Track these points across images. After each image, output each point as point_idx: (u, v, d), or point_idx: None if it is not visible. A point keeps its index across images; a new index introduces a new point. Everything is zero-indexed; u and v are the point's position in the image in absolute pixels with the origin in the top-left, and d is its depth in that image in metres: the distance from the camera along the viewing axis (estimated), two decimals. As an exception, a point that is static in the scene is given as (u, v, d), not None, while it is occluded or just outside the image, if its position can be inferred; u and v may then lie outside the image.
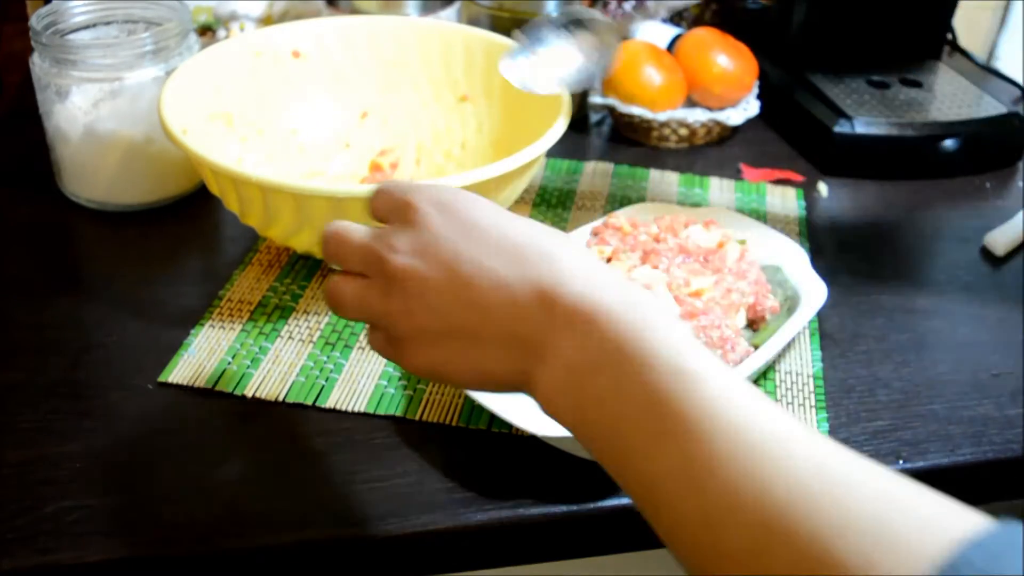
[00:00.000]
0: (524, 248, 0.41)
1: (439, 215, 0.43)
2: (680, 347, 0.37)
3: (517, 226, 0.43)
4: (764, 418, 0.35)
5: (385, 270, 0.43)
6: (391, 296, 0.43)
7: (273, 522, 0.50)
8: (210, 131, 0.71)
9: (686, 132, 0.88)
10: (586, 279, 0.40)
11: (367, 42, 0.79)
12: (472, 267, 0.41)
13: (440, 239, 0.42)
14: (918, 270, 0.73)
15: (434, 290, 0.42)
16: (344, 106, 0.80)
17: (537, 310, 0.40)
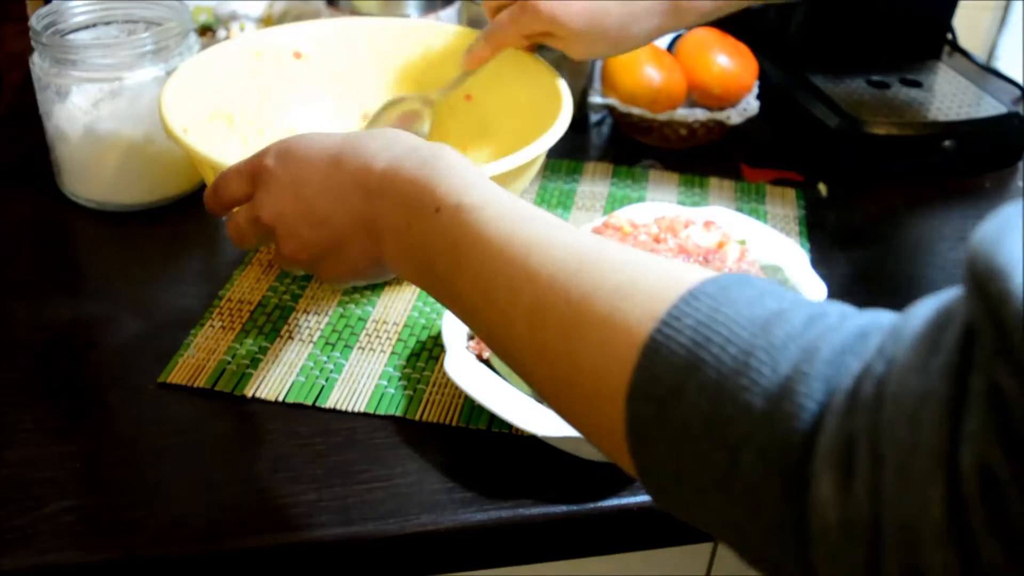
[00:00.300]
0: (340, 155, 0.47)
1: (280, 163, 0.49)
2: (462, 182, 0.43)
3: (332, 138, 0.49)
4: (531, 226, 0.40)
5: (265, 225, 0.50)
6: (280, 241, 0.49)
7: (273, 522, 0.50)
8: (211, 131, 0.71)
9: (686, 132, 0.88)
10: (388, 155, 0.46)
11: (368, 43, 0.79)
12: (308, 189, 0.47)
13: (283, 182, 0.48)
14: (918, 270, 0.73)
15: (296, 223, 0.48)
16: (345, 107, 0.80)
17: (359, 199, 0.46)
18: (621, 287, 0.36)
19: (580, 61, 0.73)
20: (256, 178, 0.50)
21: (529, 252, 0.39)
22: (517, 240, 0.40)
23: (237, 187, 0.51)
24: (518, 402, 0.53)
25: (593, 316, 0.36)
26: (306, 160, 0.48)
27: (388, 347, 0.62)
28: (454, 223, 0.42)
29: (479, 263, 0.41)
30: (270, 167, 0.49)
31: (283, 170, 0.49)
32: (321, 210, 0.47)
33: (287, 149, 0.49)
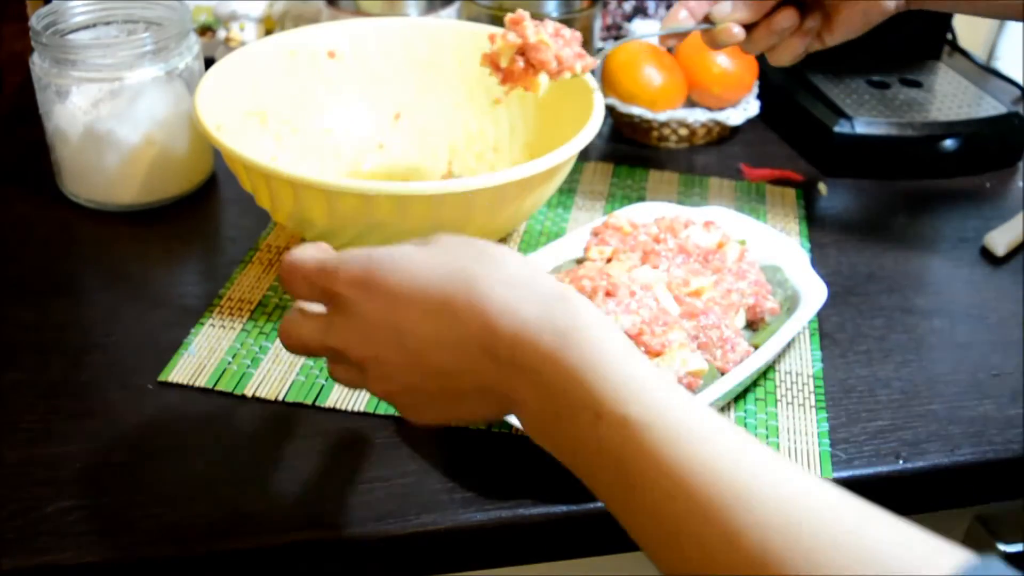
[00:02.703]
0: (451, 303, 0.41)
1: (363, 295, 0.43)
2: (624, 388, 0.37)
3: (433, 274, 0.42)
4: (722, 456, 0.35)
5: (350, 360, 0.44)
6: (371, 380, 0.44)
7: (273, 522, 0.50)
8: (244, 128, 0.71)
9: (686, 132, 0.88)
10: (516, 314, 0.40)
11: (402, 43, 0.80)
12: (415, 342, 0.42)
13: (376, 323, 0.42)
14: (918, 270, 0.73)
15: (399, 371, 0.43)
16: (378, 107, 0.80)
17: (488, 363, 0.41)
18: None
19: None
20: (330, 302, 0.44)
21: (726, 501, 0.33)
22: (707, 478, 0.34)
23: (308, 327, 0.45)
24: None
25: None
26: (404, 301, 0.42)
27: (388, 347, 0.62)
28: (621, 439, 0.36)
29: (658, 498, 0.35)
30: (350, 298, 0.43)
31: (372, 307, 0.42)
32: (437, 363, 0.42)
33: (369, 279, 0.42)
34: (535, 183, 0.62)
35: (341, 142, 0.79)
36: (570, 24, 0.89)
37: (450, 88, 0.80)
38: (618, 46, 0.87)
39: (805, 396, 0.60)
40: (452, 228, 0.62)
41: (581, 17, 0.90)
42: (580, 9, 0.92)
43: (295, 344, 0.46)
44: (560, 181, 0.67)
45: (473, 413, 0.44)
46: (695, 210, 0.70)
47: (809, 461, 0.56)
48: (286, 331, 0.46)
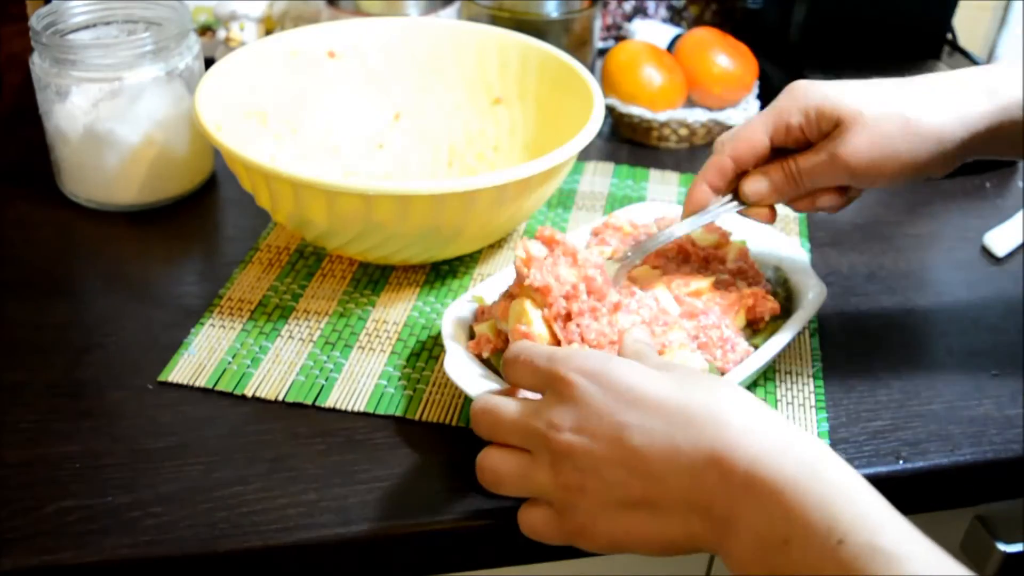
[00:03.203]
0: (688, 410, 0.41)
1: (593, 385, 0.43)
2: (871, 516, 0.37)
3: (672, 386, 0.43)
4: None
5: (551, 447, 0.43)
6: (560, 473, 0.43)
7: (273, 522, 0.50)
8: (244, 128, 0.71)
9: (686, 132, 0.88)
10: (758, 437, 0.40)
11: (402, 43, 0.80)
12: (641, 437, 0.41)
13: (601, 412, 0.42)
14: (918, 270, 0.73)
15: (606, 464, 0.42)
16: (378, 107, 0.80)
17: (714, 478, 0.40)
18: None
19: None
20: (550, 387, 0.44)
21: None
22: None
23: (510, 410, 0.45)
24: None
25: None
26: (638, 396, 0.42)
27: (388, 347, 0.62)
28: (866, 563, 0.36)
29: None
30: (578, 384, 0.43)
31: (600, 396, 0.42)
32: (653, 466, 0.41)
33: (604, 370, 0.43)
34: (535, 183, 0.62)
35: (341, 142, 0.79)
36: (570, 24, 0.90)
37: (450, 88, 0.80)
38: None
39: (805, 396, 0.60)
40: (452, 228, 0.62)
41: (581, 17, 0.90)
42: (580, 9, 0.92)
43: (493, 420, 0.46)
44: (560, 181, 0.67)
45: (663, 534, 0.42)
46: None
47: (809, 461, 0.56)
48: (488, 466, 0.46)
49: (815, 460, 0.39)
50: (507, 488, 0.47)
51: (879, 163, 0.54)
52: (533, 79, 0.77)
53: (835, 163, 0.55)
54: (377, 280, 0.69)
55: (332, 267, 0.70)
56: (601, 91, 0.71)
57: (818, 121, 0.55)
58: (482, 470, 0.47)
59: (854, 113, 0.54)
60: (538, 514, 0.46)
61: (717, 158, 0.58)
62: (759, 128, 0.57)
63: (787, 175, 0.57)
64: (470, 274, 0.70)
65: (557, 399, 0.44)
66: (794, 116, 0.55)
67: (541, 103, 0.77)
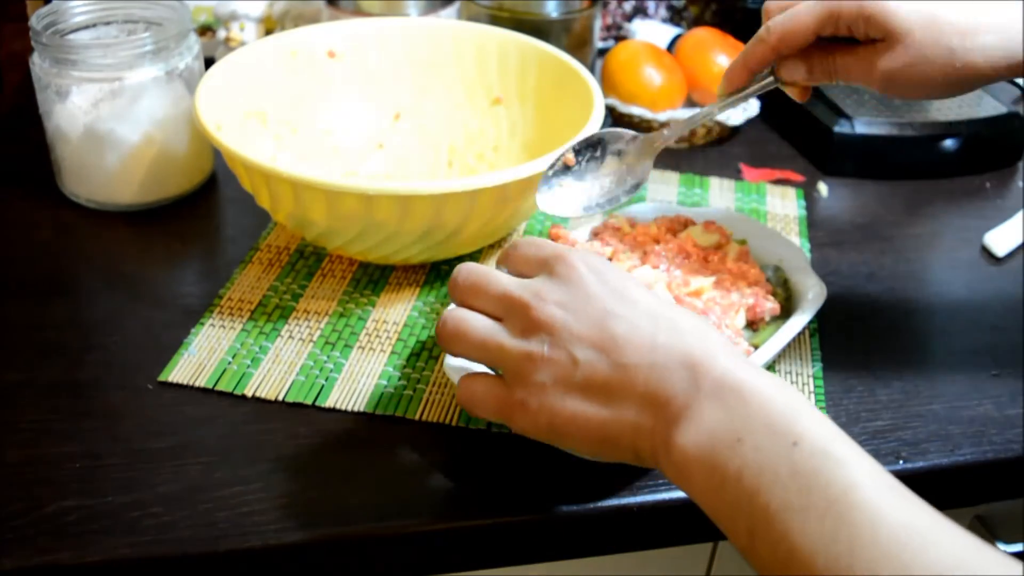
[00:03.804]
0: (675, 320, 0.43)
1: (591, 274, 0.44)
2: (828, 433, 0.39)
3: (667, 303, 0.44)
4: (904, 508, 0.36)
5: (530, 315, 0.44)
6: (529, 341, 0.44)
7: (273, 522, 0.50)
8: (244, 129, 0.71)
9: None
10: (735, 357, 0.42)
11: (402, 43, 0.80)
12: (623, 326, 0.43)
13: (592, 297, 0.44)
14: (918, 270, 0.73)
15: (580, 342, 0.43)
16: (378, 107, 0.80)
17: (684, 374, 0.41)
18: None
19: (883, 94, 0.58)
20: (548, 265, 0.46)
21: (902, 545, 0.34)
22: (892, 523, 0.35)
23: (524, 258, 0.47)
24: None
25: None
26: (632, 299, 0.44)
27: (388, 347, 0.62)
28: (818, 471, 0.37)
29: (837, 524, 0.36)
30: (578, 269, 0.45)
31: (596, 287, 0.44)
32: (625, 352, 0.42)
33: (606, 268, 0.45)
34: (535, 183, 0.62)
35: (341, 142, 0.79)
36: (570, 24, 0.90)
37: (450, 88, 0.80)
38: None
39: (805, 396, 0.60)
40: (452, 228, 0.62)
41: (581, 17, 0.90)
42: (580, 9, 0.92)
43: (477, 282, 0.46)
44: (560, 181, 0.67)
45: (607, 425, 0.43)
46: (695, 210, 0.70)
47: (809, 461, 0.56)
48: (455, 316, 0.46)
49: (783, 384, 0.41)
50: (464, 345, 0.46)
51: (913, 84, 0.54)
52: (533, 79, 0.77)
53: (872, 73, 0.55)
54: (377, 280, 0.69)
55: (332, 267, 0.70)
56: (601, 91, 0.71)
57: (866, 27, 0.54)
58: (444, 323, 0.47)
59: (904, 32, 0.53)
60: (483, 381, 0.47)
61: (762, 46, 0.58)
62: (810, 20, 0.55)
63: (825, 69, 0.57)
64: (470, 274, 0.70)
65: (553, 276, 0.45)
66: (847, 15, 0.54)
67: (541, 103, 0.77)
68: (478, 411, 0.48)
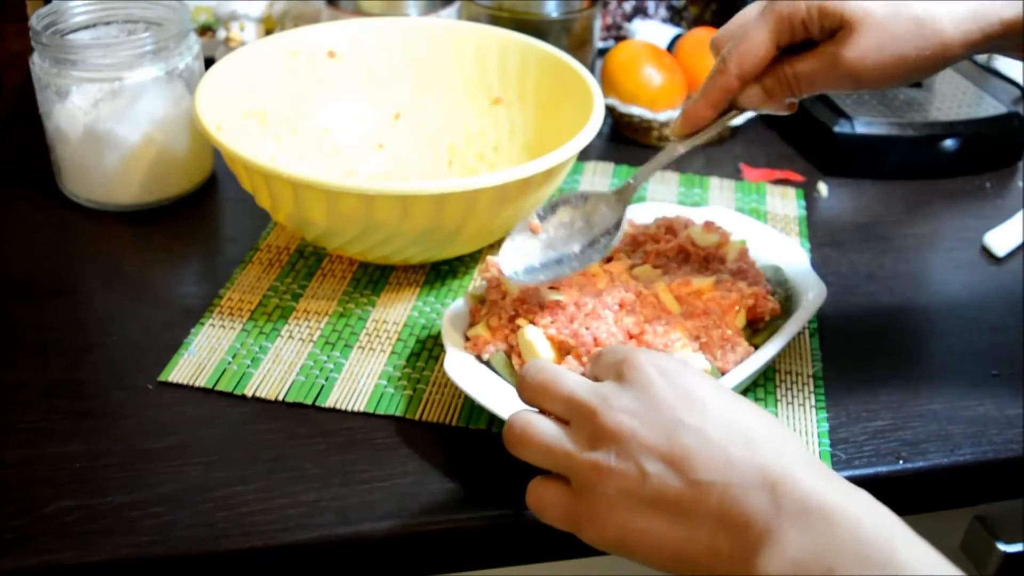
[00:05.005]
0: (748, 431, 0.40)
1: (661, 378, 0.42)
2: (928, 560, 0.36)
3: (741, 407, 0.42)
4: None
5: (596, 422, 0.42)
6: (597, 450, 0.41)
7: (273, 522, 0.50)
8: (244, 129, 0.71)
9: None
10: (816, 472, 0.39)
11: (402, 43, 0.80)
12: (695, 439, 0.40)
13: (662, 404, 0.41)
14: (918, 270, 0.73)
15: (650, 454, 0.40)
16: (378, 107, 0.80)
17: (763, 494, 0.38)
18: None
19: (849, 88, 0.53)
20: (618, 367, 0.43)
21: None
22: None
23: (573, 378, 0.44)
24: (518, 402, 0.53)
25: None
26: (704, 407, 0.41)
27: (388, 347, 0.62)
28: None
29: None
30: (648, 373, 0.42)
31: (666, 393, 0.41)
32: (698, 468, 0.39)
33: (675, 371, 0.42)
34: (535, 183, 0.62)
35: (341, 142, 0.79)
36: (570, 24, 0.90)
37: (450, 88, 0.80)
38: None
39: (805, 396, 0.60)
40: (452, 228, 0.62)
41: (581, 17, 0.90)
42: (580, 9, 0.92)
43: (545, 384, 0.44)
44: (560, 181, 0.67)
45: (681, 544, 0.40)
46: (695, 210, 0.70)
47: (809, 461, 0.56)
48: (520, 418, 0.44)
49: (872, 502, 0.38)
50: (531, 449, 0.44)
51: (886, 68, 0.50)
52: (533, 79, 0.77)
53: (838, 69, 0.51)
54: (377, 280, 0.69)
55: (332, 267, 0.70)
56: (601, 91, 0.71)
57: (821, 18, 0.50)
58: (512, 426, 0.45)
59: (860, 14, 0.49)
60: (552, 488, 0.44)
61: (723, 79, 0.54)
62: (763, 37, 0.52)
63: (782, 81, 0.53)
64: (470, 274, 0.70)
65: (621, 381, 0.43)
66: (797, 16, 0.50)
67: (541, 103, 0.77)
68: (545, 518, 0.45)
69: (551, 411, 0.45)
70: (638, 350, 0.44)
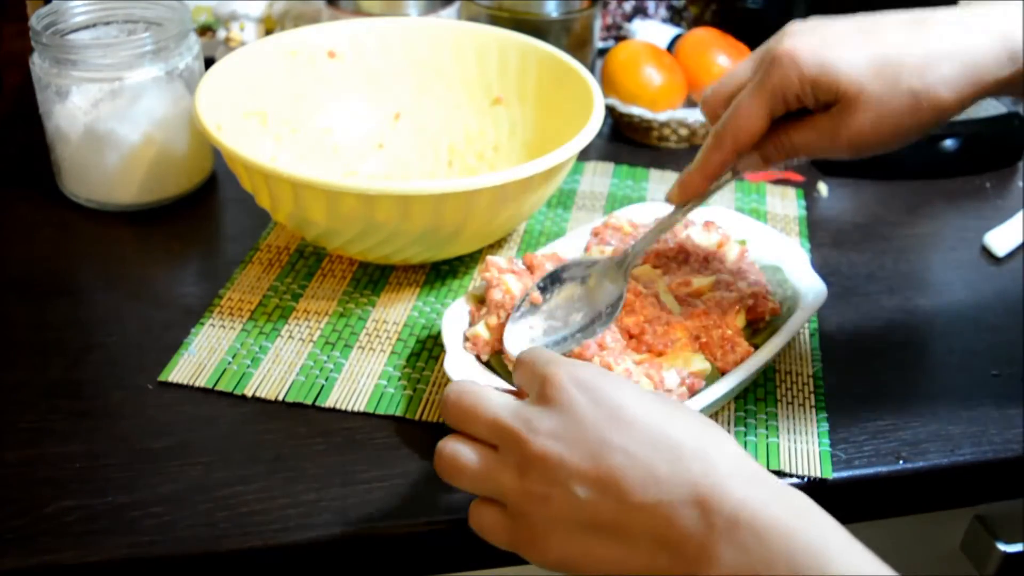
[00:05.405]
0: (675, 444, 0.39)
1: (583, 395, 0.41)
2: (861, 563, 0.36)
3: (665, 416, 0.41)
4: None
5: (523, 450, 0.41)
6: (526, 478, 0.41)
7: (273, 522, 0.50)
8: (244, 129, 0.71)
9: (686, 132, 0.88)
10: (746, 481, 0.38)
11: (402, 43, 0.80)
12: (622, 459, 0.39)
13: (586, 424, 0.40)
14: (918, 270, 0.73)
15: (578, 479, 0.40)
16: (378, 107, 0.80)
17: (694, 513, 0.38)
18: None
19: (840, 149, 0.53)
20: (540, 388, 0.43)
21: None
22: None
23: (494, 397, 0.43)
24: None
25: None
26: (628, 419, 0.40)
27: (388, 347, 0.62)
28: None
29: None
30: (567, 391, 0.41)
31: (589, 410, 0.41)
32: (629, 493, 0.39)
33: (597, 384, 0.42)
34: (535, 183, 0.62)
35: (341, 142, 0.79)
36: (570, 24, 0.90)
37: (450, 88, 0.80)
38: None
39: (805, 396, 0.60)
40: (452, 228, 0.62)
41: (581, 17, 0.90)
42: (580, 9, 0.92)
43: (468, 409, 0.43)
44: (560, 181, 0.67)
45: (624, 563, 0.39)
46: (695, 210, 0.70)
47: (809, 461, 0.56)
48: (448, 453, 0.43)
49: (804, 509, 0.38)
50: (463, 481, 0.44)
51: (884, 138, 0.50)
52: (533, 79, 0.77)
53: (837, 142, 0.51)
54: (377, 280, 0.69)
55: (332, 267, 0.70)
56: (601, 91, 0.71)
57: (815, 93, 0.50)
58: (440, 457, 0.44)
59: (855, 90, 0.49)
60: (490, 513, 0.44)
61: (720, 155, 0.54)
62: (758, 112, 0.52)
63: (780, 150, 0.53)
64: (470, 274, 0.70)
65: (542, 402, 0.42)
66: (791, 90, 0.50)
67: (541, 103, 0.77)
68: (488, 540, 0.45)
69: (477, 436, 0.44)
70: (558, 363, 0.43)
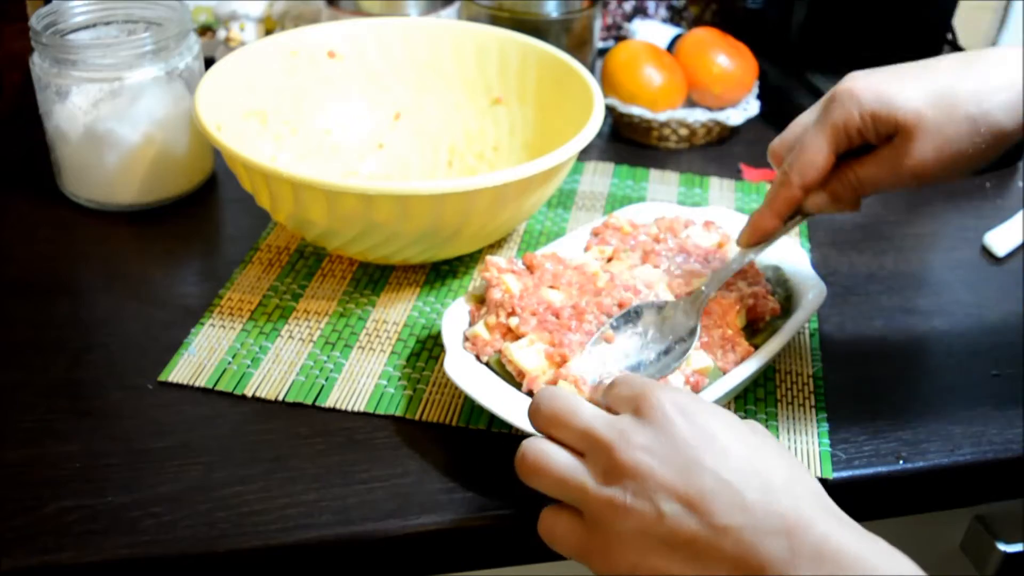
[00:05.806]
0: (770, 475, 0.40)
1: (680, 416, 0.42)
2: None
3: (756, 447, 0.42)
4: None
5: (613, 458, 0.41)
6: (612, 486, 0.41)
7: (273, 522, 0.50)
8: (244, 129, 0.71)
9: (686, 132, 0.88)
10: (836, 520, 0.39)
11: (402, 43, 0.80)
12: (713, 481, 0.40)
13: (679, 443, 0.41)
14: (918, 270, 0.73)
15: (666, 494, 0.40)
16: (378, 107, 0.80)
17: (779, 540, 0.38)
18: None
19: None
20: (635, 402, 0.43)
21: None
22: None
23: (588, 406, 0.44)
24: (518, 402, 0.53)
25: None
26: (720, 445, 0.41)
27: (388, 347, 0.62)
28: None
29: None
30: (665, 411, 0.42)
31: (684, 431, 0.41)
32: (714, 511, 0.39)
33: (692, 409, 0.42)
34: (535, 183, 0.62)
35: (341, 142, 0.79)
36: (570, 24, 0.90)
37: (450, 88, 0.80)
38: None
39: (805, 396, 0.60)
40: (452, 228, 0.62)
41: (581, 17, 0.90)
42: (580, 9, 0.92)
43: (561, 413, 0.44)
44: (560, 181, 0.67)
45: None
46: (695, 210, 0.70)
47: (809, 461, 0.56)
48: (533, 447, 0.44)
49: (888, 548, 0.39)
50: (545, 482, 0.44)
51: (947, 166, 0.51)
52: (533, 79, 0.77)
53: (900, 173, 0.52)
54: (377, 280, 0.69)
55: (332, 267, 0.70)
56: (601, 91, 0.71)
57: (875, 126, 0.51)
58: (524, 455, 0.44)
59: (914, 120, 0.50)
60: (565, 519, 0.44)
61: (787, 191, 0.55)
62: (822, 147, 0.53)
63: (847, 187, 0.54)
64: (470, 274, 0.70)
65: (638, 417, 0.42)
66: (852, 125, 0.52)
67: (541, 103, 0.77)
68: (556, 548, 0.45)
69: (565, 441, 0.44)
70: (656, 385, 0.44)
